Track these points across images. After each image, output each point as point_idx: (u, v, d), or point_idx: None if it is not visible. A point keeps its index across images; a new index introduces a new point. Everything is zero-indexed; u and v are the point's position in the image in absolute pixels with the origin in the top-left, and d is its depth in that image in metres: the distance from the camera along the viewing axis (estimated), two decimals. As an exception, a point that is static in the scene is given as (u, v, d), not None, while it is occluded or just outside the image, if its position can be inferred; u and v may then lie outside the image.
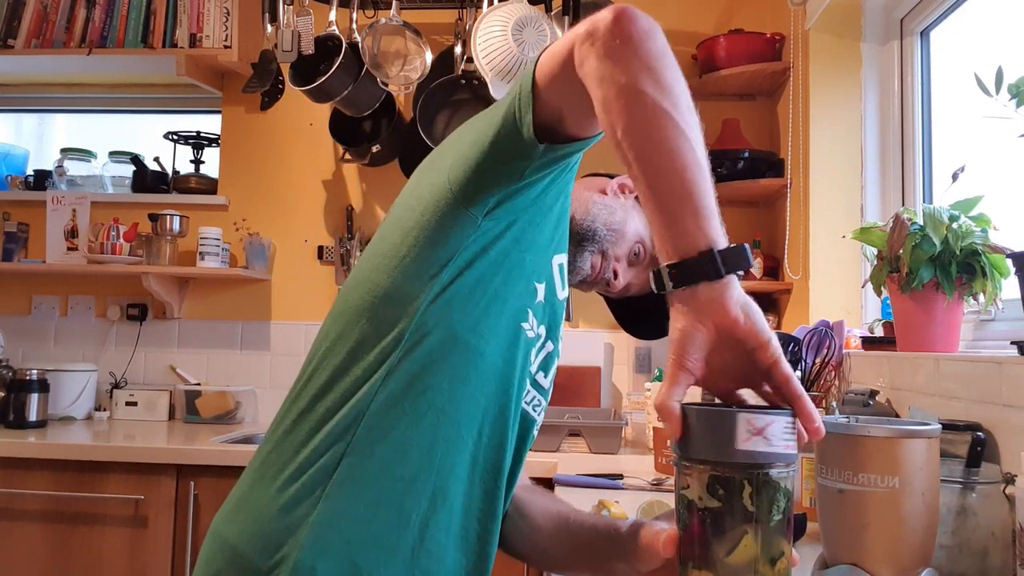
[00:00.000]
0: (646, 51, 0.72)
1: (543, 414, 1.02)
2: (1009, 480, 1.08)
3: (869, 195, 2.28)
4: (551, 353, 1.00)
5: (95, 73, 3.07)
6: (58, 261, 2.80)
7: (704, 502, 0.62)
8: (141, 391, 2.81)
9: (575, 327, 2.85)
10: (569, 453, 2.26)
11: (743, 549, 0.60)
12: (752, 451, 0.59)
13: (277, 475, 0.90)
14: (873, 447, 0.92)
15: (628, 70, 0.71)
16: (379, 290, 0.92)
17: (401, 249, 0.92)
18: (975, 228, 1.46)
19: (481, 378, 0.91)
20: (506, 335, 0.92)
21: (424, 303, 0.89)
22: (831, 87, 2.33)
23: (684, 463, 0.64)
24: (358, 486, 0.87)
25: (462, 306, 0.89)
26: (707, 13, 2.88)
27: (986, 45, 1.87)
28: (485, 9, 2.47)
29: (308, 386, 0.94)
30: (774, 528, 0.60)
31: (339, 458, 0.88)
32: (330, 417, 0.90)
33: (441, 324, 0.89)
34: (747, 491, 0.59)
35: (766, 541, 0.59)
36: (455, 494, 0.91)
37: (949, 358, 1.40)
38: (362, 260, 0.98)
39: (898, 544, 0.92)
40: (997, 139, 1.58)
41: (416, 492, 0.89)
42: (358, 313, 0.93)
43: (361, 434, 0.88)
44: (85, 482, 2.20)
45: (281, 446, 0.92)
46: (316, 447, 0.89)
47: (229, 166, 2.99)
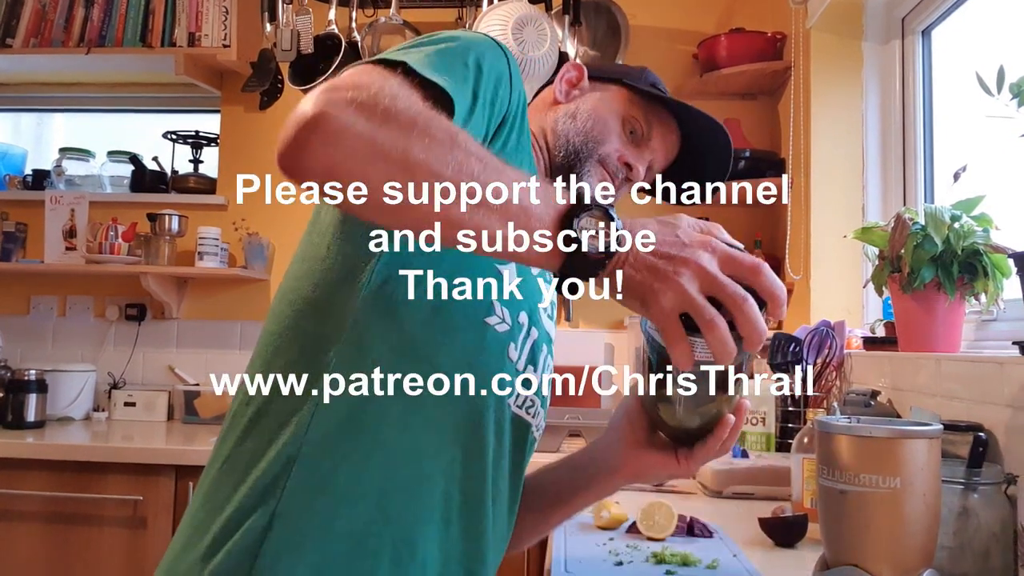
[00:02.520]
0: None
1: (543, 413, 0.91)
2: (1011, 481, 1.08)
3: (870, 195, 2.27)
4: (538, 340, 0.86)
5: (94, 72, 3.06)
6: (56, 261, 2.79)
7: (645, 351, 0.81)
8: (140, 391, 2.81)
9: (575, 327, 2.84)
10: (569, 453, 2.26)
11: (668, 391, 0.80)
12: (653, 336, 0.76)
13: (202, 537, 0.74)
14: (874, 448, 0.91)
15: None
16: (302, 302, 0.80)
17: (321, 250, 0.81)
18: (977, 228, 1.46)
19: (442, 396, 0.77)
20: (466, 337, 0.78)
21: (355, 312, 0.76)
22: (832, 86, 2.33)
23: None
24: (294, 555, 0.71)
25: (404, 311, 0.76)
26: (708, 12, 2.87)
27: (987, 44, 1.86)
28: (485, 8, 2.47)
29: (232, 426, 0.80)
30: (698, 393, 0.78)
31: (269, 519, 0.72)
32: (254, 466, 0.74)
33: (379, 336, 0.76)
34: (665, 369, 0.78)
35: (689, 397, 0.79)
36: (426, 544, 0.76)
37: (951, 358, 1.39)
38: (288, 268, 0.86)
39: (899, 545, 0.92)
40: (999, 139, 1.57)
41: (369, 552, 0.73)
42: (280, 332, 0.80)
43: (293, 487, 0.72)
44: (84, 483, 2.20)
45: (208, 500, 0.77)
46: (241, 504, 0.73)
47: (228, 166, 2.99)
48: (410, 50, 0.74)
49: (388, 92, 0.64)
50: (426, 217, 0.62)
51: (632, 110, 1.02)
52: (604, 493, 0.97)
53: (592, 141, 1.00)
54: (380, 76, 0.67)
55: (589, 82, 1.04)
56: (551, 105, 1.04)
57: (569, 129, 1.00)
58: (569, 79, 1.04)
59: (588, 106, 1.02)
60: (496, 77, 0.80)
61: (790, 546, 1.32)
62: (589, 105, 1.02)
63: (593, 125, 1.00)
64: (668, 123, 1.05)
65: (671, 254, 0.66)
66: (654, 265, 0.66)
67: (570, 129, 1.00)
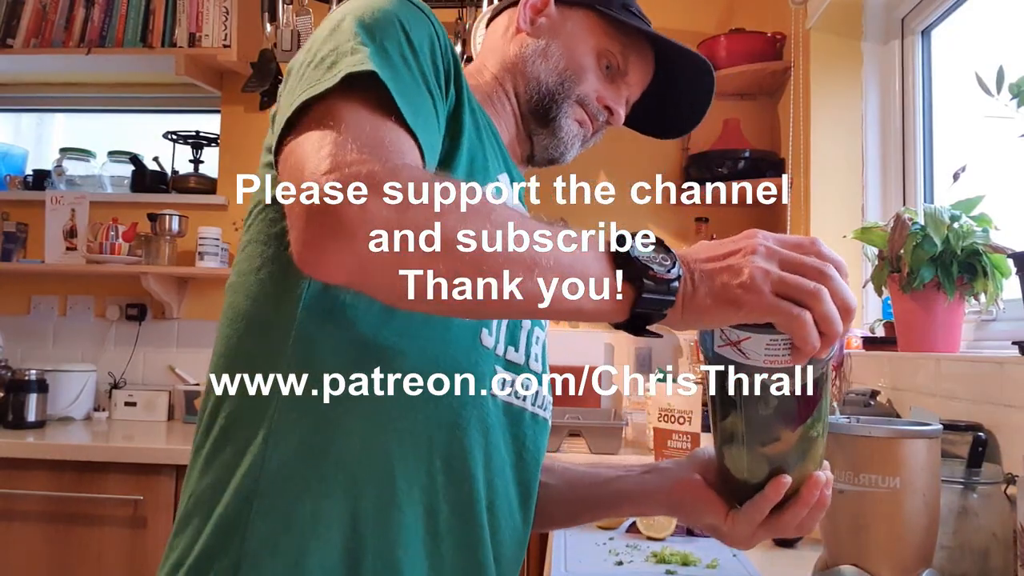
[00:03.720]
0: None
1: (542, 389, 0.84)
2: (1010, 480, 1.08)
3: (870, 195, 2.27)
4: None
5: (94, 73, 3.06)
6: (57, 261, 2.79)
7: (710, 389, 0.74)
8: (140, 391, 2.80)
9: (575, 327, 2.84)
10: (569, 454, 2.26)
11: (730, 423, 0.72)
12: (722, 356, 0.69)
13: (174, 572, 0.70)
14: (874, 447, 0.92)
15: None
16: (241, 320, 0.73)
17: (254, 260, 0.76)
18: (976, 228, 1.46)
19: (409, 402, 0.70)
20: (429, 332, 0.71)
21: (297, 324, 0.69)
22: (832, 86, 2.33)
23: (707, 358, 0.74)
24: None
25: (352, 313, 0.69)
26: (708, 12, 2.88)
27: (987, 44, 1.86)
28: (485, 8, 2.47)
29: (196, 459, 0.74)
30: (762, 416, 0.70)
31: (236, 561, 0.67)
32: (216, 503, 0.69)
33: (328, 346, 0.69)
34: (731, 381, 0.70)
35: (752, 424, 0.71)
36: (412, 566, 0.70)
37: (950, 358, 1.39)
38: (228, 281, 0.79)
39: (899, 544, 0.92)
40: (998, 139, 1.57)
41: None
42: (223, 354, 0.74)
43: (256, 526, 0.67)
44: (84, 482, 2.20)
45: (178, 534, 0.73)
46: (206, 546, 0.68)
47: (228, 166, 2.99)
48: (345, 56, 0.65)
49: (394, 156, 0.59)
50: (478, 307, 0.57)
51: (607, 42, 0.91)
52: (633, 512, 0.92)
53: (568, 81, 0.90)
54: (373, 128, 0.61)
55: (556, 7, 0.92)
56: (514, 35, 0.92)
57: (541, 70, 0.90)
58: (534, 4, 0.91)
59: (560, 42, 0.90)
60: (429, 44, 0.72)
61: (790, 546, 1.33)
62: (561, 41, 0.90)
63: (567, 64, 0.90)
64: (645, 53, 0.94)
65: (731, 250, 0.63)
66: (724, 266, 0.62)
67: (542, 70, 0.90)
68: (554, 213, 2.71)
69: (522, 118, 0.92)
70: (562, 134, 0.91)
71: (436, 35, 0.73)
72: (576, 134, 0.92)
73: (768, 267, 0.61)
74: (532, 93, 0.90)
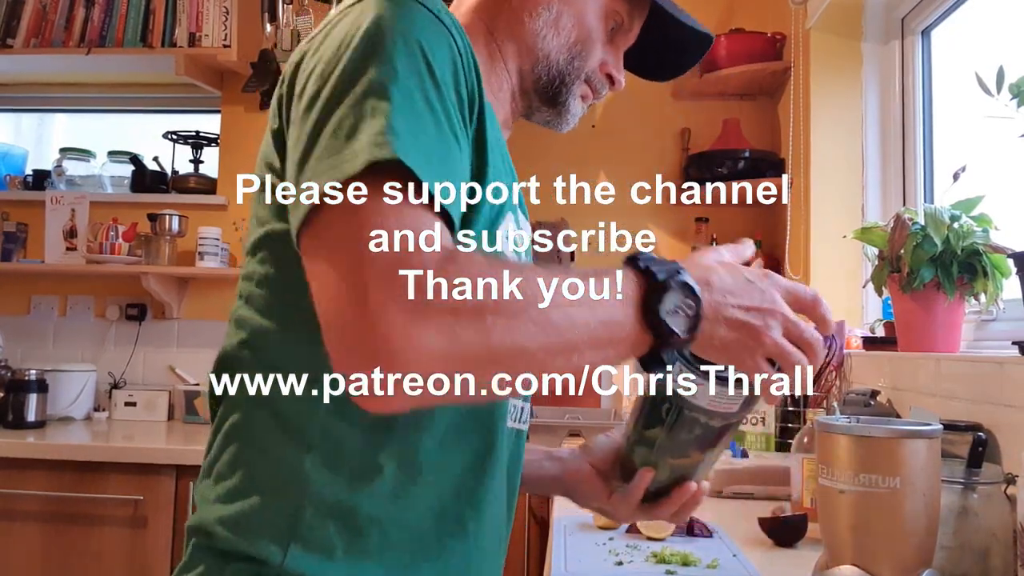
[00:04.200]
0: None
1: (523, 413, 0.86)
2: (1010, 480, 1.08)
3: (870, 195, 2.27)
4: None
5: (94, 73, 3.06)
6: (57, 261, 2.79)
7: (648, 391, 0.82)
8: (140, 391, 2.81)
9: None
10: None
11: (652, 433, 0.81)
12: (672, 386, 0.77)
13: None
14: (874, 447, 0.92)
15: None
16: (260, 340, 0.77)
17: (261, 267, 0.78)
18: (976, 228, 1.46)
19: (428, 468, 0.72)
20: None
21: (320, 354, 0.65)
22: (832, 87, 2.33)
23: None
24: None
25: None
26: (708, 12, 2.87)
27: (987, 44, 1.87)
28: None
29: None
30: (682, 439, 0.80)
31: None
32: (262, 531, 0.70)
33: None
34: (665, 407, 0.79)
35: (672, 442, 0.81)
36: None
37: (950, 358, 1.40)
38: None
39: (899, 545, 0.92)
40: (998, 139, 1.57)
41: None
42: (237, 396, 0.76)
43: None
44: (84, 482, 2.20)
45: None
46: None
47: (228, 166, 2.99)
48: (366, 120, 0.60)
49: (427, 260, 0.56)
50: (515, 393, 0.61)
51: (617, 2, 0.85)
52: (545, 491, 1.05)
53: (578, 59, 0.84)
54: (398, 223, 0.57)
55: None
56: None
57: (552, 47, 0.83)
58: None
59: (572, 10, 0.83)
60: (452, 71, 0.66)
61: (790, 546, 1.32)
62: (572, 8, 0.83)
63: (579, 35, 0.83)
64: (644, 4, 0.89)
65: (757, 305, 0.67)
66: (744, 322, 0.66)
67: (553, 47, 0.83)
68: (554, 213, 2.71)
69: (523, 94, 0.87)
70: (568, 115, 0.88)
71: (459, 53, 0.67)
72: (581, 111, 0.89)
73: (778, 340, 0.67)
74: (541, 74, 0.84)
